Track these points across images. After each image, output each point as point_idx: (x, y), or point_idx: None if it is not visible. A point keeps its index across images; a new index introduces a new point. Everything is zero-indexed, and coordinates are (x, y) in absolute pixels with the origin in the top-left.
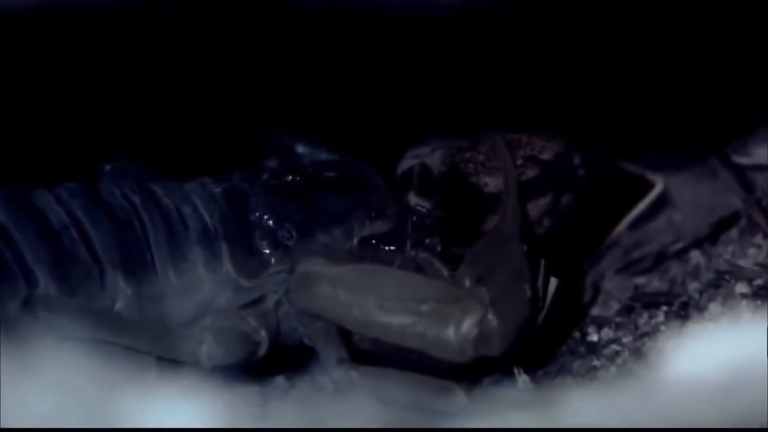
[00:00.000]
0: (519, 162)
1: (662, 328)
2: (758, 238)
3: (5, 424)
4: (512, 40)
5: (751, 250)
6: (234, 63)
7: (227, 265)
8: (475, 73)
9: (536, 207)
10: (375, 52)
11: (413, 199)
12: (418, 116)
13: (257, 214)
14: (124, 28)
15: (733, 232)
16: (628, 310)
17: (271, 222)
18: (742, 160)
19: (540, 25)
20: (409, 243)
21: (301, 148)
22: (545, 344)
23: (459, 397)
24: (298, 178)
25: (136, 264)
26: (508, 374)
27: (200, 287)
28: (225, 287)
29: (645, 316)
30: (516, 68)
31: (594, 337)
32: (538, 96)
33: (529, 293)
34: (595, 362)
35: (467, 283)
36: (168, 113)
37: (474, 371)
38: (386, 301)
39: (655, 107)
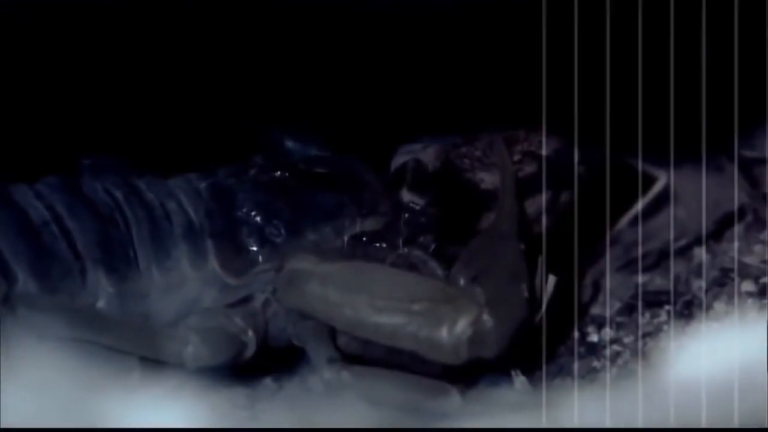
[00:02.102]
0: (517, 158)
1: (665, 327)
2: (764, 235)
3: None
4: (511, 34)
5: (757, 247)
6: (223, 57)
7: (213, 263)
8: (472, 69)
9: (534, 204)
10: (369, 47)
11: (406, 195)
12: (413, 112)
13: (244, 210)
14: (109, 21)
15: (739, 228)
16: (629, 309)
17: (258, 218)
18: (748, 153)
19: (539, 20)
20: (401, 241)
21: (291, 144)
22: (543, 345)
23: (453, 398)
24: (287, 174)
25: (118, 261)
26: (505, 375)
27: (185, 285)
28: (211, 285)
29: (647, 315)
30: (514, 63)
31: (594, 338)
32: (538, 91)
33: (526, 293)
34: (595, 363)
35: (462, 282)
36: (153, 107)
37: (469, 372)
38: (378, 300)
39: (657, 100)
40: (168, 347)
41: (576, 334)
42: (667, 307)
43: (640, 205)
